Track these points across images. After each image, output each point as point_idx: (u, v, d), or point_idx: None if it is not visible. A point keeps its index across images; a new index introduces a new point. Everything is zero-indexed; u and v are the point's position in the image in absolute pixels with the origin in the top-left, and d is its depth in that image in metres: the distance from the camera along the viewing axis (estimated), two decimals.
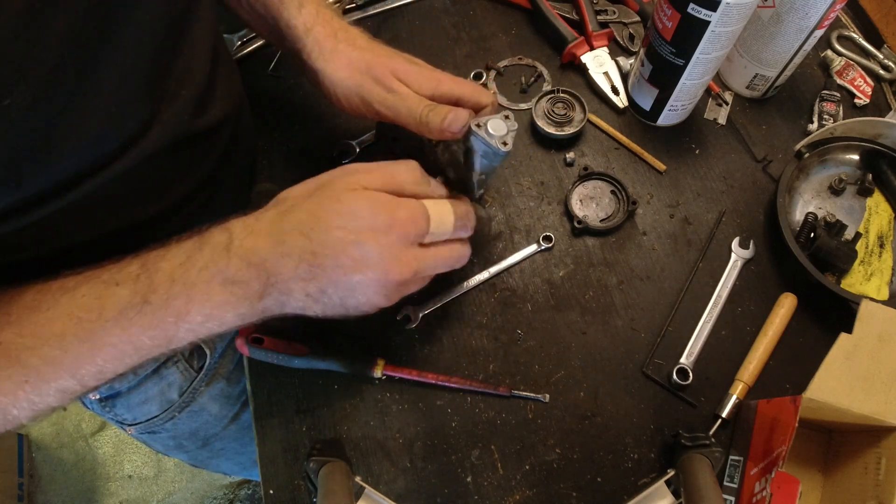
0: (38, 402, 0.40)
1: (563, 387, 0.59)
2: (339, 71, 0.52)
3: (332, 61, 0.53)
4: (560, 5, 0.77)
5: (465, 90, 0.51)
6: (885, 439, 0.49)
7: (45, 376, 0.39)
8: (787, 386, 0.59)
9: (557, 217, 0.66)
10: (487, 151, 0.48)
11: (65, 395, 0.40)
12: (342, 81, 0.52)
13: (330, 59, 0.53)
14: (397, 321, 0.61)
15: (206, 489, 1.66)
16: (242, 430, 0.79)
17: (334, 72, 0.53)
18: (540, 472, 0.56)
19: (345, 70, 0.52)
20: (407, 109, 0.50)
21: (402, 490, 0.56)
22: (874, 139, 0.66)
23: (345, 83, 0.52)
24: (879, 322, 0.50)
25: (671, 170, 0.69)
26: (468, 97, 0.51)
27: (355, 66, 0.52)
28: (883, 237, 0.64)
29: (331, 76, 0.53)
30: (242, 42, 0.76)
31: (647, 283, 0.63)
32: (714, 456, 0.50)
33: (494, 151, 0.47)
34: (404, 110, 0.50)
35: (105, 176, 0.43)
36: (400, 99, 0.51)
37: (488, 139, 0.47)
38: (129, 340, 0.40)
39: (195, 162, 0.54)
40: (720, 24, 0.55)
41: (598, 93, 0.73)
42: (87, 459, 1.69)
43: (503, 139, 0.47)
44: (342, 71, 0.52)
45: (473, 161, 0.50)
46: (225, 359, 0.71)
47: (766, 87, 0.71)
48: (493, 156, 0.48)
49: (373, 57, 0.52)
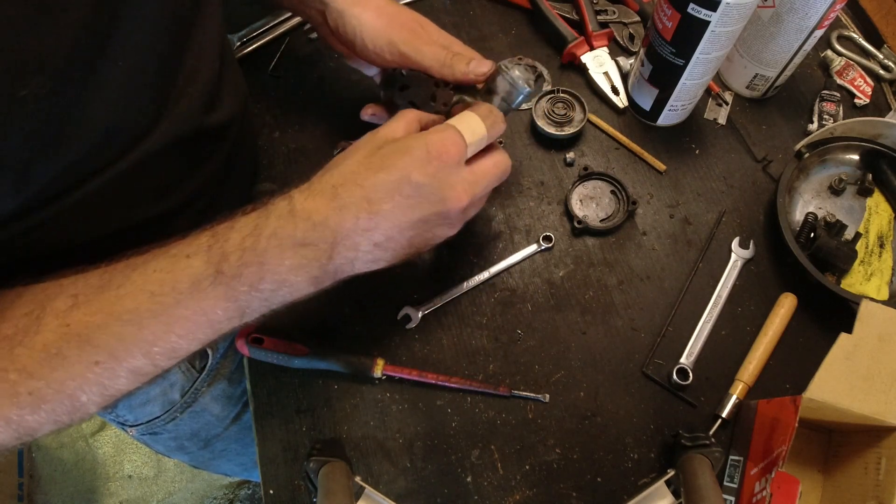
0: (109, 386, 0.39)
1: (563, 387, 0.59)
2: (366, 14, 0.53)
3: (360, 6, 0.54)
4: (560, 5, 0.77)
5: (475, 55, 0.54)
6: (885, 439, 0.49)
7: (117, 355, 0.38)
8: (787, 386, 0.59)
9: (557, 217, 0.66)
10: (511, 92, 0.52)
11: (136, 376, 0.39)
12: (370, 22, 0.53)
13: (357, 5, 0.54)
14: (397, 321, 0.61)
15: (206, 489, 1.66)
16: (244, 431, 0.79)
17: (362, 14, 0.53)
18: (540, 472, 0.56)
19: (372, 13, 0.53)
20: (432, 52, 0.52)
21: (402, 490, 0.56)
22: (874, 139, 0.66)
23: (372, 24, 0.53)
24: (879, 322, 0.50)
25: (671, 170, 0.69)
26: None
27: (383, 12, 0.53)
28: (883, 237, 0.64)
29: (358, 17, 0.53)
30: (242, 42, 0.76)
31: (647, 283, 0.63)
32: (714, 456, 0.50)
33: (519, 90, 0.52)
34: (430, 53, 0.52)
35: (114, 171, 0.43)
36: (425, 43, 0.53)
37: (516, 79, 0.51)
38: (203, 313, 0.40)
39: (203, 160, 0.54)
40: (720, 24, 0.55)
41: (598, 93, 0.73)
42: (87, 459, 1.69)
43: (527, 80, 0.52)
44: (370, 14, 0.53)
45: None
46: (227, 359, 0.71)
47: (766, 87, 0.71)
48: (517, 96, 0.52)
49: (395, 8, 0.54)
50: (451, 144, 0.44)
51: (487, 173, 0.47)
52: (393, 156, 0.43)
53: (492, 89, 0.53)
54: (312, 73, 0.75)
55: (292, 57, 0.76)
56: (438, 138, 0.44)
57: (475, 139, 0.46)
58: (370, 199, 0.42)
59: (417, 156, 0.42)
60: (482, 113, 0.48)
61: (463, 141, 0.45)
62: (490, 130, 0.47)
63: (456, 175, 0.44)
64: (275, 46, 0.76)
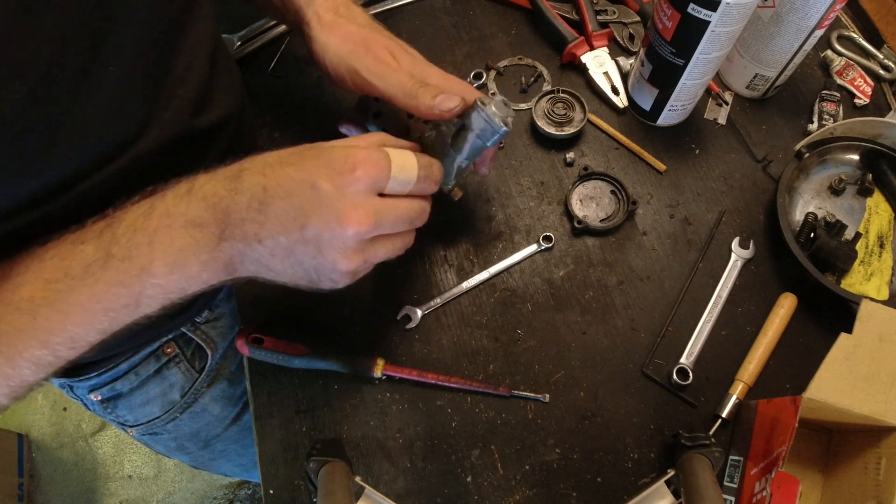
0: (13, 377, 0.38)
1: (563, 387, 0.59)
2: (332, 39, 0.52)
3: (328, 30, 0.53)
4: (560, 5, 0.77)
5: (454, 88, 0.50)
6: (885, 439, 0.49)
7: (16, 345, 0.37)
8: (787, 386, 0.59)
9: (557, 217, 0.66)
10: (486, 129, 0.48)
11: (39, 367, 0.39)
12: (334, 49, 0.52)
13: (326, 29, 0.53)
14: (397, 321, 0.61)
15: (206, 489, 1.66)
16: (244, 432, 0.79)
17: (328, 40, 0.52)
18: (540, 472, 0.56)
19: (338, 38, 0.52)
20: (398, 81, 0.49)
21: (402, 490, 0.56)
22: (874, 139, 0.66)
23: (336, 51, 0.52)
24: (879, 322, 0.50)
25: (671, 170, 0.69)
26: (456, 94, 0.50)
27: (350, 38, 0.52)
28: (883, 237, 0.64)
29: (324, 43, 0.52)
30: (242, 42, 0.76)
31: (647, 283, 0.63)
32: (714, 456, 0.50)
33: (494, 129, 0.48)
34: (395, 82, 0.49)
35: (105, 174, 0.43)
36: (391, 71, 0.50)
37: (492, 117, 0.48)
38: (96, 300, 0.38)
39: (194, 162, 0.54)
40: (720, 24, 0.55)
41: (598, 93, 0.73)
42: (87, 459, 1.69)
43: (504, 119, 0.48)
44: (336, 40, 0.52)
45: (464, 142, 0.49)
46: (226, 360, 0.71)
47: (766, 87, 0.71)
48: (491, 134, 0.49)
49: (369, 33, 0.52)
50: (373, 165, 0.40)
51: (399, 209, 0.43)
52: (310, 156, 0.41)
53: (466, 125, 0.49)
54: (312, 73, 0.75)
55: (292, 57, 0.76)
56: (363, 154, 0.40)
57: (401, 176, 0.42)
58: (267, 190, 0.39)
59: (332, 162, 0.40)
60: (422, 162, 0.45)
61: (388, 167, 0.41)
62: (420, 182, 0.44)
63: (364, 196, 0.40)
64: (275, 46, 0.76)
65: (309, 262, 0.41)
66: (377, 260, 0.44)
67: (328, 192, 0.39)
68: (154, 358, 0.65)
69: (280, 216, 0.39)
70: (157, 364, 0.65)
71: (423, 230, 0.48)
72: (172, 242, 0.39)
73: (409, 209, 0.44)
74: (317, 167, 0.39)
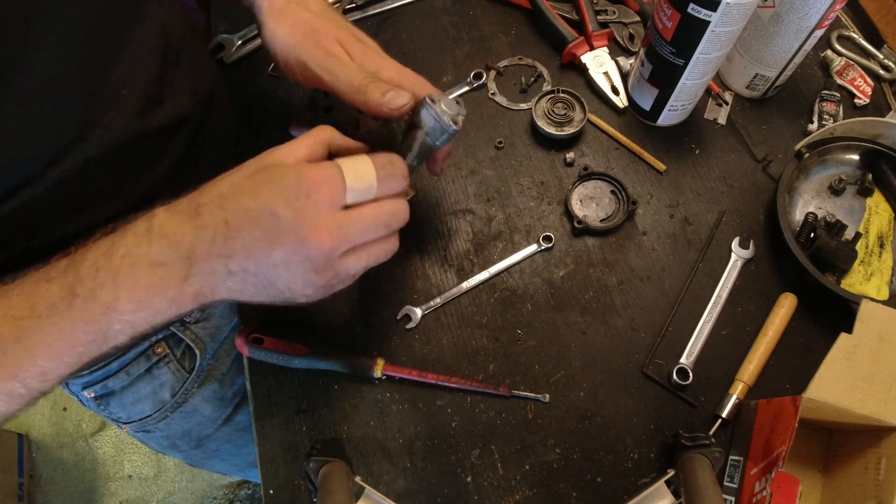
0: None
1: (563, 387, 0.59)
2: (280, 28, 0.50)
3: (277, 17, 0.51)
4: (560, 5, 0.77)
5: (407, 82, 0.49)
6: (885, 439, 0.49)
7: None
8: (787, 386, 0.59)
9: (557, 217, 0.66)
10: (435, 128, 0.47)
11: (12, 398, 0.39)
12: (282, 39, 0.50)
13: (276, 16, 0.51)
14: (397, 321, 0.61)
15: (206, 489, 1.66)
16: (237, 432, 0.79)
17: (276, 28, 0.50)
18: (540, 472, 0.56)
19: (287, 28, 0.50)
20: (346, 76, 0.47)
21: (402, 490, 0.56)
22: (874, 139, 0.66)
23: (284, 41, 0.50)
24: (879, 322, 0.50)
25: (671, 170, 0.69)
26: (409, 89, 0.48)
27: (299, 27, 0.50)
28: (883, 237, 0.64)
29: (273, 32, 0.50)
30: (242, 42, 0.76)
31: (647, 283, 0.63)
32: (714, 456, 0.50)
33: (444, 128, 0.46)
34: (343, 77, 0.47)
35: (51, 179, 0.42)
36: (340, 64, 0.48)
37: (441, 115, 0.46)
38: (63, 338, 0.39)
39: (150, 162, 0.53)
40: (720, 24, 0.55)
41: (598, 93, 0.73)
42: (87, 459, 1.69)
43: (454, 118, 0.46)
44: (284, 28, 0.50)
45: (413, 140, 0.48)
46: (218, 361, 0.71)
47: (766, 87, 0.71)
48: (440, 133, 0.47)
49: (320, 21, 0.50)
50: (326, 183, 0.40)
51: (367, 217, 0.42)
52: (264, 182, 0.40)
53: (416, 123, 0.47)
54: None
55: None
56: (315, 174, 0.40)
57: (359, 186, 0.41)
58: (229, 224, 0.39)
59: (287, 188, 0.39)
60: (379, 162, 0.43)
61: (342, 182, 0.40)
62: (382, 182, 0.43)
63: (325, 215, 0.39)
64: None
65: (281, 283, 0.41)
66: (355, 271, 0.43)
67: (288, 218, 0.39)
68: (144, 357, 0.65)
69: (246, 247, 0.39)
70: (147, 363, 0.65)
71: (421, 231, 0.48)
72: (137, 281, 0.39)
73: (379, 214, 0.43)
74: (272, 195, 0.39)
